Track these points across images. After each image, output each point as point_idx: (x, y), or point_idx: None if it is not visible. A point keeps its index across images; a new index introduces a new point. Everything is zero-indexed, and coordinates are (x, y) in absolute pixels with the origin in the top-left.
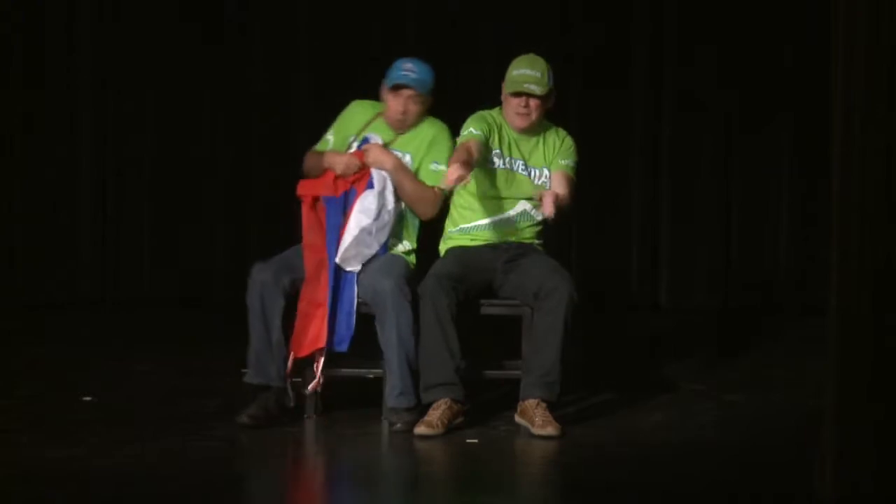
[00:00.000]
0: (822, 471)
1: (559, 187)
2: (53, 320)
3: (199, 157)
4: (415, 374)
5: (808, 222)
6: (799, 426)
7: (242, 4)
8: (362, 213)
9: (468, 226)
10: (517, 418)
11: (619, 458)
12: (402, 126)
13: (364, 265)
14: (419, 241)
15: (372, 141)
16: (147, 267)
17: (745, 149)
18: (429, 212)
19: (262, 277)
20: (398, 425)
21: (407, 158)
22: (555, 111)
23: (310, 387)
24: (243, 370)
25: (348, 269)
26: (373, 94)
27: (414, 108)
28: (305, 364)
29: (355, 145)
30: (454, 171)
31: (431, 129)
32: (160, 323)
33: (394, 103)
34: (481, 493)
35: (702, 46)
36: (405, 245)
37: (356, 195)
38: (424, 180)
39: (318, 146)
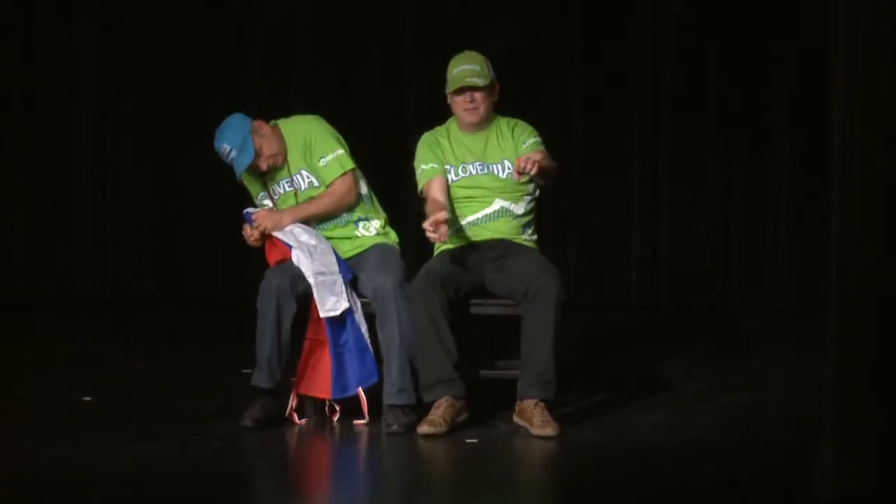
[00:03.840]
0: (822, 471)
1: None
2: (53, 320)
3: (198, 157)
4: (415, 372)
5: (807, 222)
6: (799, 426)
7: (242, 5)
8: (307, 269)
9: (450, 232)
10: (515, 419)
11: (619, 458)
12: (279, 164)
13: (360, 263)
14: (385, 209)
15: (253, 214)
16: (147, 267)
17: (745, 149)
18: (351, 199)
19: (278, 282)
20: (394, 426)
21: (304, 174)
22: (552, 110)
23: (332, 415)
24: (244, 370)
25: (340, 311)
26: (372, 93)
27: (273, 150)
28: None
29: (267, 202)
30: (436, 229)
31: (298, 137)
32: (160, 323)
33: (257, 168)
34: (481, 493)
35: (702, 46)
36: (376, 224)
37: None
38: (327, 177)
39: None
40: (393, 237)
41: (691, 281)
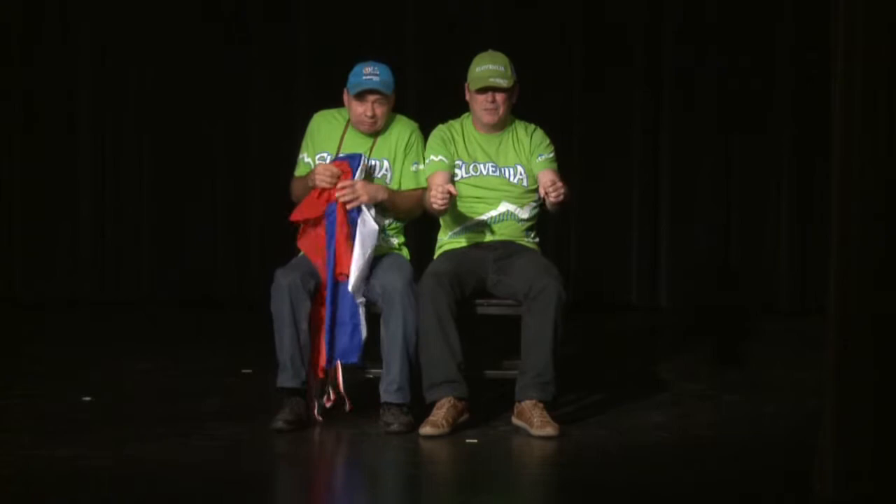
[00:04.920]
0: (822, 471)
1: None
2: (53, 320)
3: (198, 157)
4: (413, 372)
5: (807, 222)
6: (799, 426)
7: (242, 5)
8: (367, 245)
9: (453, 231)
10: (514, 420)
11: (619, 458)
12: (372, 129)
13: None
14: (405, 232)
15: (360, 167)
16: (147, 267)
17: (745, 148)
18: (418, 213)
19: (289, 281)
20: (394, 426)
21: (385, 164)
22: (553, 110)
23: (325, 402)
24: (244, 370)
25: (353, 293)
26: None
27: (381, 111)
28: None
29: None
30: (441, 194)
31: (405, 131)
32: (160, 323)
33: (361, 108)
34: (481, 493)
35: (702, 46)
36: (395, 241)
37: (337, 210)
38: (406, 183)
39: (298, 171)
40: (406, 254)
41: (691, 281)
